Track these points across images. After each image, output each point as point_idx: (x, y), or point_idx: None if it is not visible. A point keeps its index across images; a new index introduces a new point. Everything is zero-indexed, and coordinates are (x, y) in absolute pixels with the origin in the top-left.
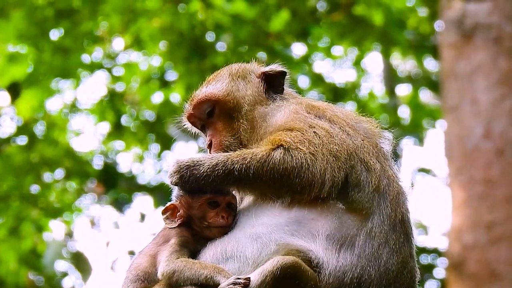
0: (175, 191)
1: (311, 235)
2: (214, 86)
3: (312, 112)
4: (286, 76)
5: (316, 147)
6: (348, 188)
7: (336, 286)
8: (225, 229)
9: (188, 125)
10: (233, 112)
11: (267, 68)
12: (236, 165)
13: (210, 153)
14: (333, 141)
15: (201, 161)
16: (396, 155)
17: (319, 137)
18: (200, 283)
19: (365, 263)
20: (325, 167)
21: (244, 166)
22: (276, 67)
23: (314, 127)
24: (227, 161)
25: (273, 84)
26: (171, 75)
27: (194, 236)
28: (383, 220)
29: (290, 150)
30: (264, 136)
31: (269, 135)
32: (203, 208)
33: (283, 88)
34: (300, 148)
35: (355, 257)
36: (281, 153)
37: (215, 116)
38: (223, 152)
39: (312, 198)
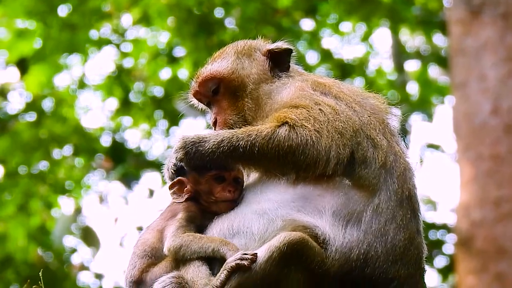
0: (168, 171)
1: (317, 211)
2: (219, 63)
3: (318, 89)
4: (292, 54)
5: (321, 124)
6: (355, 164)
7: (343, 262)
8: (232, 204)
9: (194, 101)
10: (238, 90)
11: (272, 46)
12: (241, 142)
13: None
14: (339, 118)
15: (206, 137)
16: (405, 131)
17: (325, 114)
18: (207, 256)
19: (371, 239)
20: (330, 144)
21: (249, 143)
22: (282, 44)
23: (319, 104)
24: (232, 137)
25: (279, 62)
26: (179, 51)
27: (201, 211)
28: (390, 196)
29: (295, 127)
30: (270, 114)
31: (274, 112)
32: (210, 182)
33: (289, 66)
34: (305, 125)
35: (361, 233)
36: (286, 130)
37: (220, 93)
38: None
39: (318, 175)
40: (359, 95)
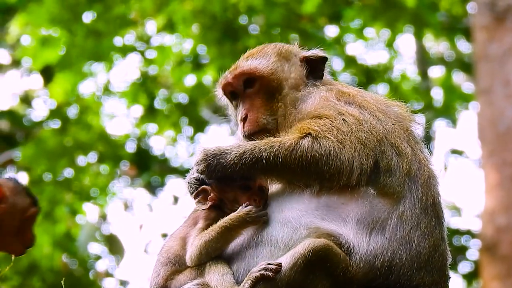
0: (189, 185)
1: (341, 219)
2: (260, 61)
3: (342, 98)
4: (327, 62)
5: (345, 135)
6: (379, 173)
7: (367, 270)
8: None
9: (219, 92)
10: (275, 92)
11: (309, 53)
12: (263, 153)
13: (243, 127)
14: (362, 129)
15: (228, 149)
16: (429, 138)
17: (348, 125)
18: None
19: (396, 246)
20: (353, 155)
21: (272, 154)
22: (318, 52)
23: (343, 114)
24: (254, 149)
25: (313, 69)
26: (204, 58)
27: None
28: (414, 203)
29: (318, 139)
30: (294, 123)
31: (298, 122)
32: (236, 192)
33: (323, 74)
34: (328, 137)
35: (386, 240)
36: (309, 141)
37: (254, 90)
38: (257, 129)
39: (342, 185)
40: (382, 103)
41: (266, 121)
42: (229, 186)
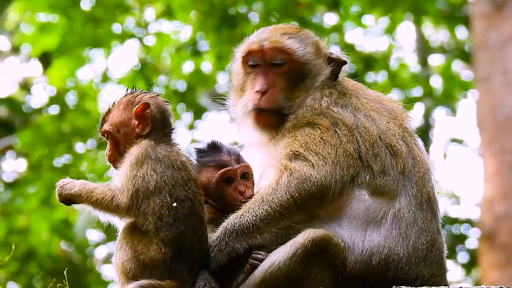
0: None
1: (334, 221)
2: (299, 45)
3: (340, 102)
4: (345, 65)
5: (331, 148)
6: (374, 174)
7: (363, 269)
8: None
9: (240, 52)
10: (300, 81)
11: (334, 54)
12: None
13: (259, 99)
14: (352, 139)
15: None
16: (429, 126)
17: (338, 137)
18: None
19: (392, 244)
20: (334, 168)
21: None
22: (341, 55)
23: (336, 125)
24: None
25: (332, 70)
26: (202, 45)
27: (221, 213)
28: (410, 200)
29: (295, 167)
30: (299, 120)
31: (298, 124)
32: (219, 187)
33: (338, 77)
34: (308, 158)
35: (382, 239)
36: (286, 178)
37: (281, 70)
38: (272, 108)
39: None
40: (377, 101)
41: (284, 105)
42: (212, 183)
